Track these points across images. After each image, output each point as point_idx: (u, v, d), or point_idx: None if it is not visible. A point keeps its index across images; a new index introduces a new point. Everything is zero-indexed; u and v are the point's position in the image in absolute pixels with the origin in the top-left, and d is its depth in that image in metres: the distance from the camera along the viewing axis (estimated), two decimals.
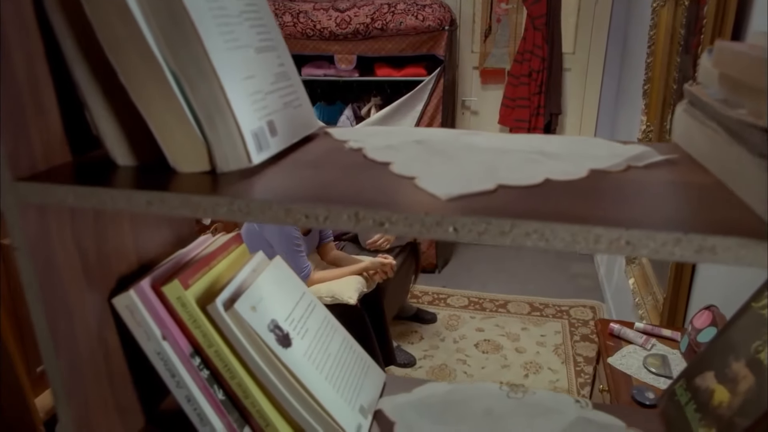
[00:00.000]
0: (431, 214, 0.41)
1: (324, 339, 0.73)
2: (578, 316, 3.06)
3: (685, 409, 0.68)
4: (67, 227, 0.57)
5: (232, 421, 0.67)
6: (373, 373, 0.78)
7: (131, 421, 0.70)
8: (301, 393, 0.65)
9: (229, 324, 0.63)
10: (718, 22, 1.56)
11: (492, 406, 0.74)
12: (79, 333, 0.60)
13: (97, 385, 0.63)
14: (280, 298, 0.70)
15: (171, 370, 0.65)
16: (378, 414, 0.73)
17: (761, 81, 0.41)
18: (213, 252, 0.71)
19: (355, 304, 2.19)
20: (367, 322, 2.28)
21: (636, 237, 0.38)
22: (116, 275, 0.65)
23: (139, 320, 0.63)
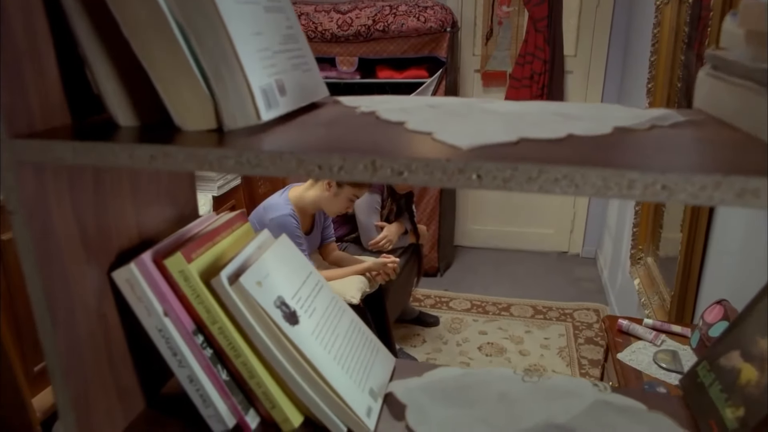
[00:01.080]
0: (453, 160, 0.39)
1: (332, 319, 0.70)
2: (582, 319, 3.02)
3: (709, 390, 0.65)
4: (66, 194, 0.55)
5: (237, 403, 0.64)
6: (383, 356, 0.75)
7: (131, 403, 0.67)
8: (309, 372, 0.62)
9: (234, 299, 0.60)
10: (725, 15, 1.54)
11: (506, 390, 0.71)
12: (78, 306, 0.57)
13: (96, 363, 0.60)
14: (286, 276, 0.68)
15: (173, 348, 0.62)
16: (388, 397, 0.70)
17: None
18: (217, 228, 0.69)
19: (358, 303, 2.16)
20: (370, 322, 2.25)
21: (673, 181, 0.36)
22: (116, 249, 0.63)
23: (140, 295, 0.61)
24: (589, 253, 3.75)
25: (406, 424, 0.66)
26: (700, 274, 1.71)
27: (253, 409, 0.66)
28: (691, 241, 1.71)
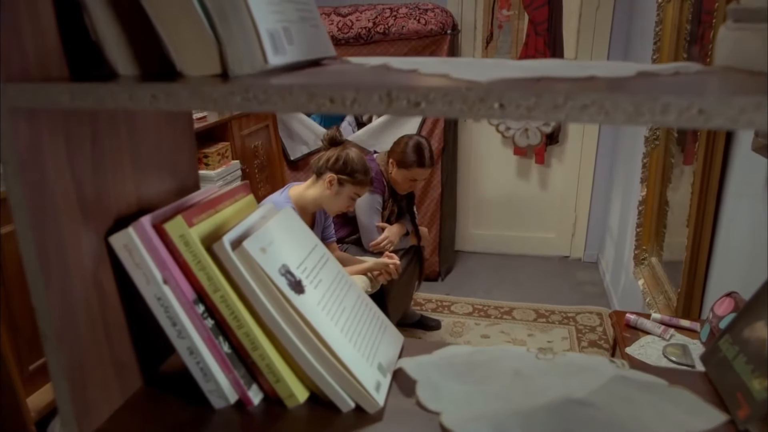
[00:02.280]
0: (474, 89, 0.37)
1: (338, 292, 0.67)
2: (585, 322, 2.99)
3: (733, 363, 0.63)
4: (62, 150, 0.52)
5: (239, 377, 0.61)
6: (391, 333, 0.72)
7: (128, 380, 0.64)
8: (316, 343, 0.59)
9: (237, 264, 0.58)
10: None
11: (520, 367, 0.68)
12: (72, 270, 0.54)
13: (92, 331, 0.57)
14: (291, 245, 0.65)
15: (172, 318, 0.59)
16: (398, 373, 0.67)
17: None
18: (220, 196, 0.66)
19: None
20: None
21: (710, 104, 0.34)
22: (114, 214, 0.60)
23: (138, 261, 0.58)
24: (591, 257, 3.73)
25: (416, 400, 0.63)
26: (707, 270, 1.68)
27: (256, 384, 0.63)
28: (698, 237, 1.69)
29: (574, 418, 0.59)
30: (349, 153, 2.10)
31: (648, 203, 2.37)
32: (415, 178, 2.49)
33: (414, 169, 2.46)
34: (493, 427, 0.57)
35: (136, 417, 0.61)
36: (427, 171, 2.50)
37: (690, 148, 2.05)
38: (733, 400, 0.60)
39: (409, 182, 2.51)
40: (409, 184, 2.53)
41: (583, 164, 3.58)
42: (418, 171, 2.47)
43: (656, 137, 2.30)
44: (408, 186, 2.54)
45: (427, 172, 2.51)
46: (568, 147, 3.57)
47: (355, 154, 2.12)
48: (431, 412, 0.61)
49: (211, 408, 0.62)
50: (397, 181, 2.52)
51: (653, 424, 0.58)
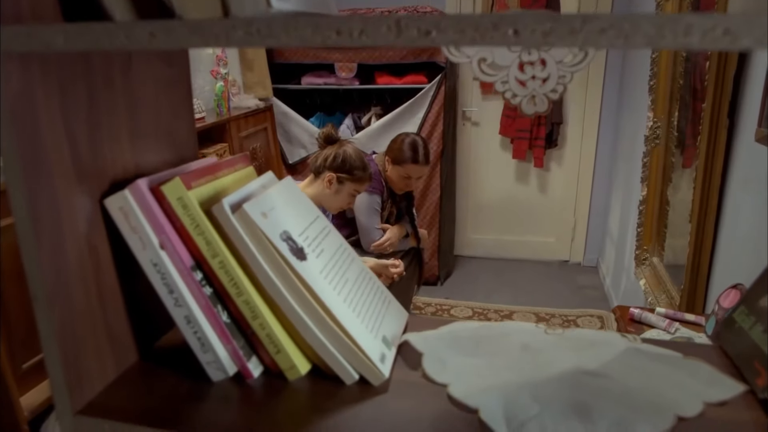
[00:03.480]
0: (487, 16, 0.35)
1: (341, 264, 0.65)
2: (586, 325, 2.96)
3: (750, 333, 0.60)
4: (55, 102, 0.50)
5: (238, 348, 0.59)
6: (395, 308, 0.70)
7: (123, 352, 0.61)
8: (318, 311, 0.57)
9: (237, 227, 0.56)
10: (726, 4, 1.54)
11: (529, 342, 0.66)
12: (66, 231, 0.52)
13: (85, 297, 0.55)
14: (293, 213, 0.63)
15: (169, 285, 0.57)
16: (403, 346, 0.65)
17: None
18: (219, 164, 0.64)
19: None
20: None
21: (737, 24, 0.32)
22: (110, 178, 0.58)
23: (134, 225, 0.56)
24: (591, 262, 3.71)
25: (423, 373, 0.60)
26: (711, 264, 1.66)
27: (256, 356, 0.60)
28: (701, 231, 1.67)
29: (587, 389, 0.57)
30: (347, 150, 2.08)
31: (649, 202, 2.36)
32: (409, 176, 2.44)
33: (407, 165, 2.41)
34: (503, 397, 0.55)
35: (130, 390, 0.58)
36: (421, 168, 2.44)
37: (689, 151, 2.04)
38: (751, 370, 0.58)
39: (404, 180, 2.46)
40: (403, 182, 2.48)
41: (582, 168, 3.57)
42: (412, 167, 2.42)
43: (656, 136, 2.29)
44: (403, 185, 2.48)
45: (421, 169, 2.45)
46: (567, 151, 3.57)
47: (352, 150, 2.10)
48: (438, 384, 0.58)
49: (209, 381, 0.59)
50: (392, 179, 2.48)
51: (669, 394, 0.56)
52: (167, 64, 0.66)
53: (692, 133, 1.99)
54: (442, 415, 0.54)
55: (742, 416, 0.54)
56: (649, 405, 0.54)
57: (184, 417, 0.54)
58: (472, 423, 0.53)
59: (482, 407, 0.54)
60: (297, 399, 0.57)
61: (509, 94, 0.66)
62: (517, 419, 0.52)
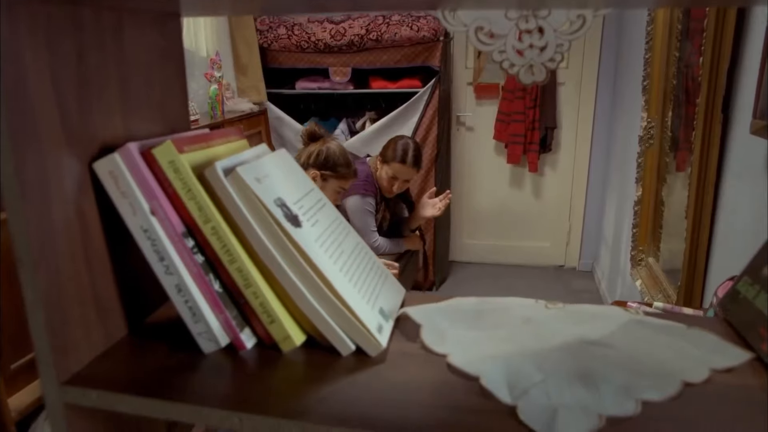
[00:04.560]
0: None
1: (337, 235, 0.64)
2: None
3: (755, 301, 0.59)
4: (43, 57, 0.49)
5: (231, 318, 0.57)
6: (392, 283, 0.68)
7: (112, 325, 0.59)
8: (314, 278, 0.55)
9: (230, 191, 0.54)
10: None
11: (530, 315, 0.64)
12: (53, 194, 0.51)
13: (72, 264, 0.53)
14: (287, 183, 0.62)
15: (159, 252, 0.55)
16: (400, 319, 0.63)
17: None
18: (212, 134, 0.63)
19: None
20: None
21: None
22: (99, 142, 0.56)
23: (124, 190, 0.54)
24: (586, 266, 3.70)
25: (421, 344, 0.59)
26: (707, 260, 1.66)
27: (249, 328, 0.58)
28: (697, 227, 1.67)
29: (591, 358, 0.55)
30: (330, 146, 2.07)
31: (644, 203, 2.36)
32: (395, 176, 2.39)
33: (394, 164, 2.37)
34: (505, 366, 0.53)
35: (119, 362, 0.56)
36: (407, 170, 2.39)
37: (682, 155, 2.05)
38: (756, 336, 0.57)
39: (390, 181, 2.42)
40: (389, 183, 2.43)
41: (577, 172, 3.58)
42: (398, 167, 2.37)
43: (651, 136, 2.30)
44: (389, 185, 2.43)
45: (407, 171, 2.39)
46: (561, 155, 3.58)
47: (336, 146, 2.09)
48: (437, 355, 0.57)
49: (201, 353, 0.57)
50: (381, 179, 2.45)
51: (674, 362, 0.55)
52: (160, 34, 0.65)
53: (685, 137, 1.99)
54: (442, 384, 0.52)
55: (749, 382, 0.52)
56: (654, 372, 0.53)
57: (174, 386, 0.52)
58: (473, 390, 0.51)
59: (483, 375, 0.52)
60: (292, 370, 0.55)
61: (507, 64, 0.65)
62: (520, 386, 0.51)
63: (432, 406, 0.49)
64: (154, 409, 0.50)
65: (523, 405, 0.48)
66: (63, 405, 0.53)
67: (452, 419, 0.47)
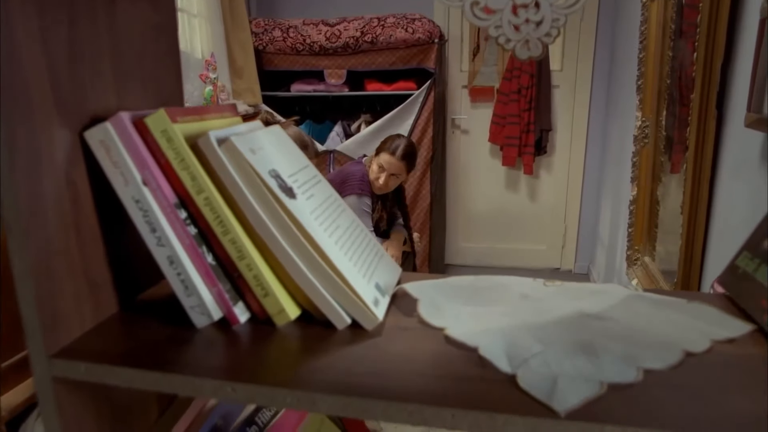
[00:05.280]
0: None
1: (332, 211, 0.63)
2: None
3: (755, 275, 0.59)
4: (34, 22, 0.48)
5: (224, 291, 0.56)
6: (388, 261, 0.68)
7: (103, 301, 0.58)
8: (308, 250, 0.54)
9: (223, 160, 0.53)
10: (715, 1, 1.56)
11: (528, 292, 0.64)
12: (44, 162, 0.50)
13: (63, 235, 0.52)
14: (282, 156, 0.61)
15: (151, 223, 0.54)
16: (397, 294, 0.62)
17: None
18: (206, 108, 0.62)
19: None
20: None
21: None
22: (91, 113, 0.55)
23: (116, 159, 0.53)
24: (582, 269, 3.70)
25: (419, 318, 0.58)
26: (703, 256, 1.65)
27: (243, 302, 0.57)
28: (692, 223, 1.67)
29: (590, 330, 0.54)
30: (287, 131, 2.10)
31: (639, 202, 2.36)
32: (382, 166, 2.36)
33: (383, 154, 2.37)
34: (504, 337, 0.53)
35: (109, 336, 0.55)
36: (396, 162, 2.36)
37: (677, 157, 2.05)
38: (757, 308, 0.56)
39: (378, 172, 2.39)
40: (377, 174, 2.41)
41: (572, 174, 3.59)
42: (386, 157, 2.36)
43: (645, 135, 2.31)
44: (375, 178, 2.40)
45: (396, 164, 2.36)
46: (556, 158, 3.59)
47: (292, 132, 2.11)
48: (435, 328, 0.56)
49: (193, 327, 0.56)
50: (371, 171, 2.43)
51: (675, 334, 0.54)
52: (153, 9, 0.64)
53: (679, 138, 2.00)
54: (440, 355, 0.51)
55: (751, 351, 0.51)
56: (655, 342, 0.52)
57: (166, 359, 0.51)
58: (471, 360, 0.50)
59: (482, 346, 0.51)
60: (286, 344, 0.54)
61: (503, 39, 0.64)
62: (519, 356, 0.50)
63: (431, 376, 0.48)
64: (145, 381, 0.49)
65: (523, 373, 0.47)
66: (51, 379, 0.51)
67: (452, 388, 0.46)
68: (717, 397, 0.45)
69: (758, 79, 1.32)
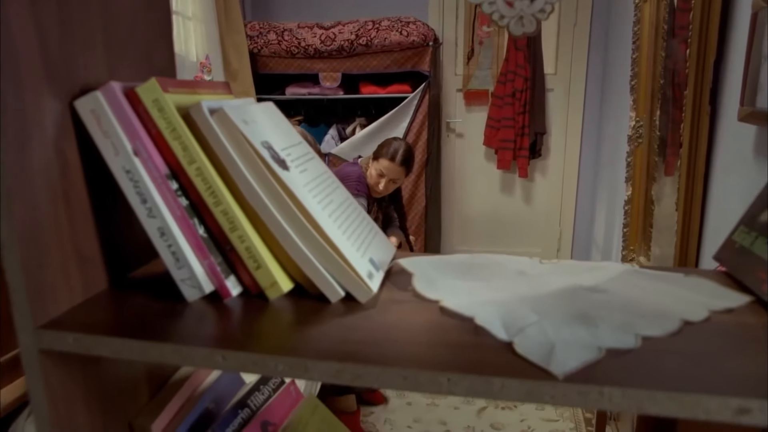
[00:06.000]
0: None
1: (325, 186, 0.62)
2: None
3: (752, 248, 0.58)
4: None
5: (215, 264, 0.55)
6: (382, 239, 0.67)
7: (92, 276, 0.57)
8: (301, 220, 0.54)
9: (215, 129, 0.53)
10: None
11: (524, 269, 0.63)
12: (32, 129, 0.49)
13: (51, 205, 0.51)
14: (275, 130, 0.60)
15: (142, 194, 0.53)
16: (392, 271, 0.61)
17: None
18: (199, 82, 0.62)
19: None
20: None
21: None
22: (82, 82, 0.55)
23: (107, 129, 0.53)
24: None
25: (413, 292, 0.57)
26: (698, 251, 1.65)
27: (235, 276, 0.56)
28: (687, 219, 1.67)
29: (588, 302, 0.54)
30: None
31: (634, 202, 2.37)
32: (382, 172, 2.35)
33: (382, 160, 2.35)
34: (500, 308, 0.52)
35: (98, 309, 0.54)
36: (396, 168, 2.35)
37: (671, 159, 2.06)
38: (755, 279, 0.55)
39: (377, 177, 2.38)
40: (376, 179, 2.41)
41: (567, 177, 3.59)
42: (386, 163, 2.34)
43: (639, 135, 2.32)
44: (375, 182, 2.39)
45: (396, 169, 2.36)
46: (551, 160, 3.59)
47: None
48: (430, 301, 0.55)
49: (184, 301, 0.55)
50: (370, 176, 2.43)
51: (673, 305, 0.53)
52: None
53: (672, 141, 2.01)
54: (435, 324, 0.50)
55: (749, 320, 0.51)
56: (653, 312, 0.52)
57: (155, 329, 0.50)
58: (467, 329, 0.49)
59: (478, 315, 0.50)
60: (278, 318, 0.53)
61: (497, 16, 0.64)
62: (516, 325, 0.49)
63: (425, 344, 0.47)
64: (133, 350, 0.48)
65: (520, 340, 0.46)
66: (38, 352, 0.50)
67: (447, 355, 0.45)
68: (717, 360, 0.44)
69: (751, 72, 1.33)
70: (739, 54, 1.47)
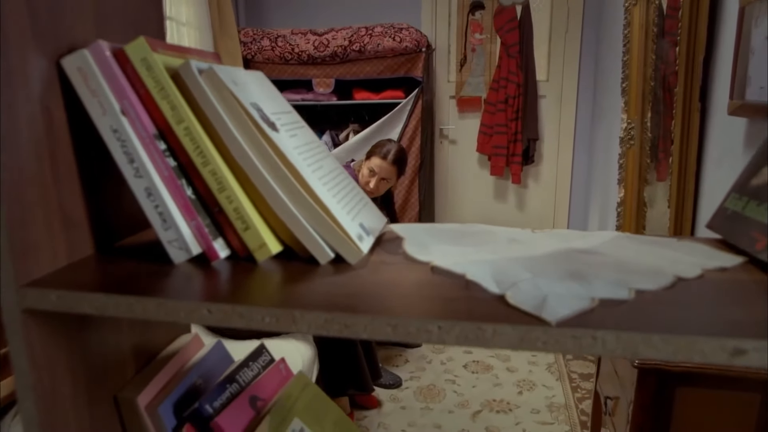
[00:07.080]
0: None
1: (316, 152, 0.62)
2: None
3: (744, 212, 0.58)
4: None
5: (203, 225, 0.54)
6: (373, 209, 0.66)
7: (78, 240, 0.56)
8: (290, 181, 0.53)
9: (204, 88, 0.52)
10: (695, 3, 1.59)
11: (516, 237, 0.62)
12: (16, 85, 0.48)
13: (36, 163, 0.50)
14: (265, 95, 0.60)
15: (129, 154, 0.53)
16: (382, 237, 0.61)
17: None
18: (189, 48, 0.61)
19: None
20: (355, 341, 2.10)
21: None
22: (69, 42, 0.54)
23: (94, 88, 0.52)
24: None
25: (404, 254, 0.56)
26: None
27: (223, 239, 0.56)
28: (680, 214, 1.68)
29: (581, 261, 0.53)
30: None
31: (626, 203, 2.37)
32: (373, 170, 2.35)
33: (374, 158, 2.36)
34: (492, 266, 0.51)
35: (83, 270, 0.53)
36: (387, 166, 2.35)
37: (663, 165, 2.07)
38: (748, 240, 0.55)
39: (368, 176, 2.37)
40: (367, 177, 2.40)
41: (560, 183, 3.61)
42: (377, 161, 2.35)
43: (631, 137, 2.33)
44: (366, 180, 2.38)
45: (387, 168, 2.36)
46: (543, 166, 3.61)
47: None
48: (421, 262, 0.54)
49: (171, 264, 0.54)
50: (362, 175, 2.42)
51: (667, 266, 0.53)
52: None
53: (663, 147, 2.02)
54: (426, 281, 0.50)
55: (742, 277, 0.50)
56: (646, 269, 0.51)
57: (140, 287, 0.48)
58: (459, 285, 0.48)
59: (469, 272, 0.50)
60: (267, 280, 0.52)
61: None
62: (508, 281, 0.48)
63: (417, 297, 0.46)
64: (119, 307, 0.47)
65: (513, 293, 0.46)
66: (20, 312, 0.49)
67: (439, 307, 0.45)
68: (711, 309, 0.44)
69: (740, 65, 1.34)
70: (727, 51, 1.49)
